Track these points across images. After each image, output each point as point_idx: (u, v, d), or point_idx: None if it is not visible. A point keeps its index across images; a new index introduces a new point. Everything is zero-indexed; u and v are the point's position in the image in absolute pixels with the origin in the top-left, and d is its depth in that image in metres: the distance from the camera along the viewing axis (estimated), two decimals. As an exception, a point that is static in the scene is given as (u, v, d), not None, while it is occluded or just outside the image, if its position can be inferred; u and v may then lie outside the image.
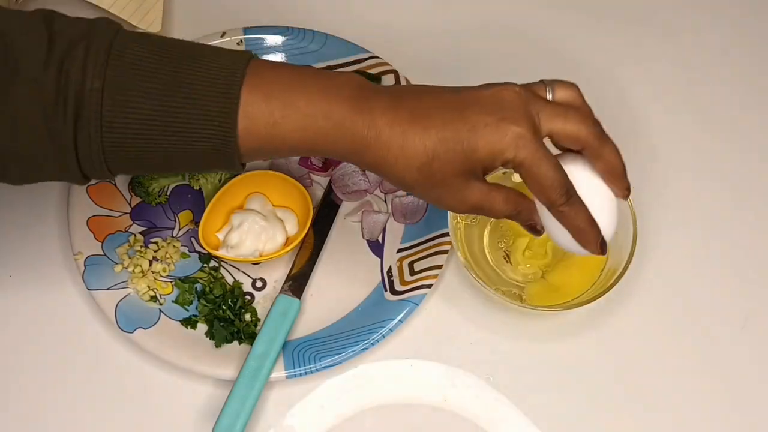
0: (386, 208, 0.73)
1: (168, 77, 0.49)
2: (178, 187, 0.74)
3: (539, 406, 0.66)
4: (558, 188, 0.51)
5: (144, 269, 0.69)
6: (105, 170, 0.51)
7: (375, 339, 0.66)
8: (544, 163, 0.50)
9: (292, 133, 0.51)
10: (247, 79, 0.50)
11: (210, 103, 0.49)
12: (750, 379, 0.68)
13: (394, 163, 0.51)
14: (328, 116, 0.50)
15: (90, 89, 0.48)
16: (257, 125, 0.50)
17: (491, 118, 0.50)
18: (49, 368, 0.68)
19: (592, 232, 0.54)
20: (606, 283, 0.65)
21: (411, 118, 0.50)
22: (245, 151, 0.51)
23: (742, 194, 0.75)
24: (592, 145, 0.52)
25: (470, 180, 0.52)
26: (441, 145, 0.50)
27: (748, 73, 0.80)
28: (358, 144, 0.51)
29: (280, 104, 0.50)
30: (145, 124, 0.49)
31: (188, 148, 0.50)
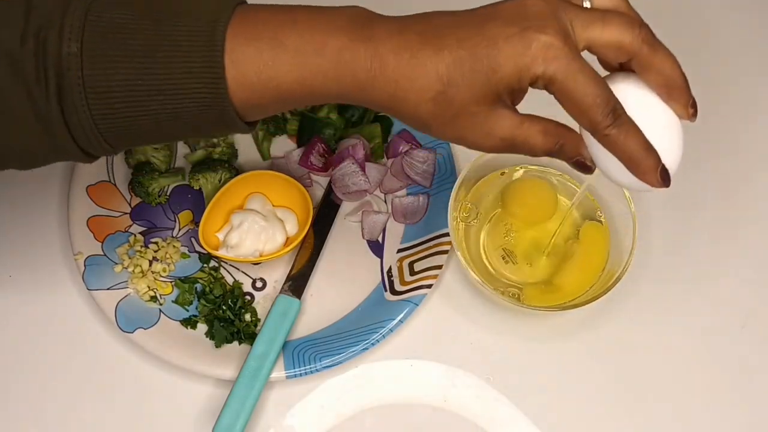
0: (386, 208, 0.73)
1: (149, 33, 0.45)
2: (178, 187, 0.74)
3: (539, 406, 0.66)
4: (601, 106, 0.44)
5: (144, 269, 0.69)
6: (102, 142, 0.47)
7: (375, 339, 0.66)
8: (581, 76, 0.43)
9: (285, 76, 0.45)
10: (232, 24, 0.45)
11: (193, 55, 0.45)
12: (750, 378, 0.68)
13: (405, 98, 0.45)
14: (321, 50, 0.45)
15: (68, 54, 0.44)
16: (247, 72, 0.45)
17: (514, 28, 0.43)
18: (49, 368, 0.68)
19: (648, 159, 0.45)
20: (606, 283, 0.65)
21: (420, 40, 0.44)
22: (241, 105, 0.46)
23: (743, 194, 0.75)
24: (640, 52, 0.44)
25: (496, 107, 0.45)
26: (456, 67, 0.43)
27: (749, 75, 0.80)
28: (362, 79, 0.45)
29: (268, 44, 0.45)
30: (129, 87, 0.45)
31: (179, 107, 0.46)
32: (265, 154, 0.75)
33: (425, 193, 0.73)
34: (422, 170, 0.73)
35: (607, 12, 0.45)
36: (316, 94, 0.46)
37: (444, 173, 0.73)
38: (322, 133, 0.74)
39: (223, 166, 0.72)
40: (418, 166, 0.73)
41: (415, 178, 0.73)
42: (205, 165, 0.72)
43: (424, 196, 0.73)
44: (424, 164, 0.73)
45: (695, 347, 0.69)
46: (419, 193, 0.73)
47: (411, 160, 0.73)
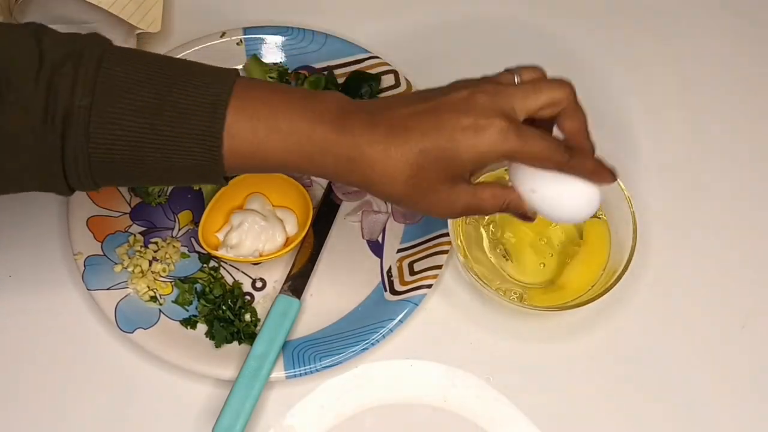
0: (386, 208, 0.73)
1: (155, 96, 0.50)
2: (178, 187, 0.74)
3: (539, 406, 0.66)
4: (557, 151, 0.52)
5: (144, 269, 0.69)
6: (91, 183, 0.51)
7: (375, 339, 0.66)
8: (532, 141, 0.51)
9: (276, 154, 0.52)
10: (233, 100, 0.51)
11: (197, 123, 0.50)
12: (750, 378, 0.68)
13: (380, 181, 0.52)
14: (310, 138, 0.51)
15: (78, 106, 0.48)
16: (242, 144, 0.51)
17: (466, 121, 0.50)
18: (49, 368, 0.68)
19: (602, 167, 0.55)
20: (607, 282, 0.65)
21: (389, 133, 0.51)
22: (230, 168, 0.52)
23: (743, 193, 0.75)
24: (569, 104, 0.53)
25: (457, 184, 0.53)
26: (423, 156, 0.51)
27: (747, 74, 0.80)
28: (343, 164, 0.52)
29: (265, 126, 0.51)
30: (131, 141, 0.50)
31: (174, 164, 0.51)
32: (265, 154, 0.75)
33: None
34: (422, 170, 0.73)
35: (536, 81, 0.53)
36: (300, 170, 0.53)
37: (444, 173, 0.73)
38: (322, 133, 0.74)
39: (223, 166, 0.72)
40: (418, 166, 0.73)
41: (415, 178, 0.73)
42: (205, 165, 0.72)
43: (424, 196, 0.72)
44: (424, 164, 0.73)
45: (695, 347, 0.69)
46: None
47: (411, 160, 0.73)
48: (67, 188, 0.52)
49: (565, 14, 0.82)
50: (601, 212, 0.69)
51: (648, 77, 0.79)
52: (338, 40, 0.76)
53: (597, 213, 0.69)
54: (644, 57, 0.80)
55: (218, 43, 0.76)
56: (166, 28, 0.79)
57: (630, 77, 0.79)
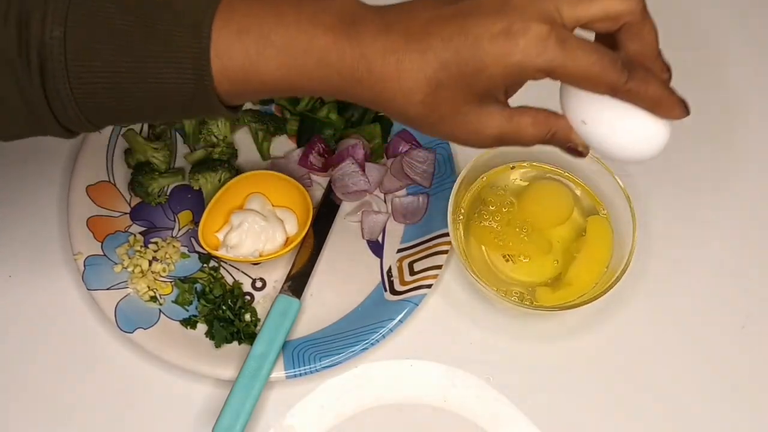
0: (386, 208, 0.73)
1: (134, 20, 0.45)
2: (178, 187, 0.74)
3: (539, 406, 0.66)
4: (611, 69, 0.44)
5: (144, 269, 0.69)
6: (84, 121, 0.47)
7: (375, 339, 0.66)
8: (579, 54, 0.43)
9: (271, 73, 0.45)
10: (219, 15, 0.45)
11: (180, 46, 0.44)
12: (750, 378, 0.68)
13: (393, 98, 0.45)
14: (308, 51, 0.44)
15: (50, 38, 0.44)
16: (233, 65, 0.45)
17: (497, 26, 0.42)
18: (48, 368, 0.68)
19: (672, 96, 0.46)
20: (608, 281, 0.65)
21: (406, 41, 0.43)
22: (225, 94, 0.46)
23: (743, 194, 0.75)
24: (631, 20, 0.44)
25: (486, 105, 0.45)
26: (443, 71, 0.43)
27: (752, 74, 0.80)
28: (348, 80, 0.45)
29: (254, 40, 0.45)
30: (114, 74, 0.45)
31: (163, 95, 0.46)
32: (265, 154, 0.75)
33: (425, 193, 0.73)
34: (422, 170, 0.73)
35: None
36: (301, 90, 0.47)
37: (444, 173, 0.73)
38: (322, 133, 0.74)
39: (223, 166, 0.72)
40: (417, 166, 0.73)
41: (414, 178, 0.73)
42: (205, 165, 0.72)
43: (423, 196, 0.73)
44: (423, 164, 0.73)
45: (695, 347, 0.69)
46: (419, 193, 0.73)
47: (411, 160, 0.73)
48: (62, 129, 0.48)
49: None
50: (604, 210, 0.69)
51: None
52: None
53: (599, 211, 0.69)
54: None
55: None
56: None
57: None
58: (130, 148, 0.74)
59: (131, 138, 0.73)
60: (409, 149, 0.74)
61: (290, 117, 0.76)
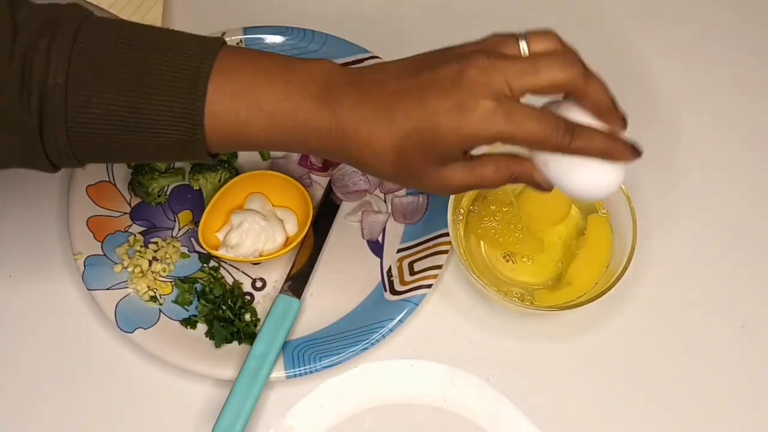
0: (386, 208, 0.73)
1: (133, 72, 0.48)
2: (178, 187, 0.74)
3: (539, 406, 0.66)
4: (555, 134, 0.48)
5: (144, 269, 0.69)
6: (74, 161, 0.50)
7: (375, 339, 0.66)
8: (524, 124, 0.47)
9: (259, 133, 0.50)
10: (214, 76, 0.49)
11: (175, 101, 0.48)
12: (750, 378, 0.68)
13: (368, 161, 0.50)
14: (294, 117, 0.49)
15: (53, 84, 0.47)
16: (224, 124, 0.49)
17: (450, 101, 0.47)
18: (48, 368, 0.68)
19: (617, 144, 0.50)
20: (608, 281, 0.65)
21: (375, 113, 0.49)
22: (214, 146, 0.51)
23: (743, 194, 0.75)
24: (574, 87, 0.48)
25: (448, 164, 0.50)
26: (406, 140, 0.48)
27: (752, 75, 0.80)
28: (328, 143, 0.50)
29: (247, 105, 0.49)
30: (110, 120, 0.48)
31: (155, 143, 0.50)
32: (265, 154, 0.75)
33: (425, 193, 0.73)
34: (422, 170, 0.73)
35: (538, 59, 0.48)
36: (284, 148, 0.53)
37: (444, 173, 0.73)
38: (322, 133, 0.74)
39: (223, 166, 0.72)
40: (418, 166, 0.73)
41: (415, 178, 0.73)
42: (205, 165, 0.72)
43: (423, 196, 0.73)
44: (424, 164, 0.73)
45: (695, 347, 0.69)
46: (419, 193, 0.73)
47: (411, 160, 0.73)
48: (50, 166, 0.51)
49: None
50: (603, 209, 0.69)
51: (651, 77, 0.79)
52: (338, 40, 0.76)
53: (598, 210, 0.69)
54: (647, 54, 0.80)
55: (218, 43, 0.76)
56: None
57: (633, 77, 0.79)
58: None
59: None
60: (409, 149, 0.73)
61: (290, 117, 0.76)
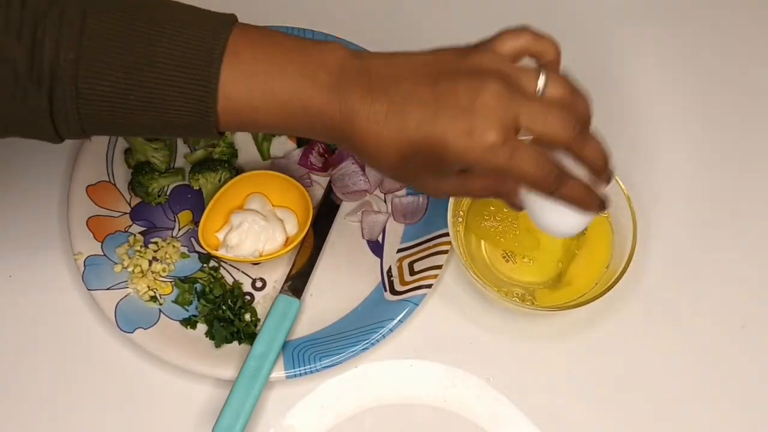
0: (386, 208, 0.73)
1: (145, 49, 0.48)
2: (178, 187, 0.74)
3: (539, 406, 0.66)
4: (547, 178, 0.50)
5: (144, 269, 0.69)
6: (82, 134, 0.50)
7: (375, 339, 0.66)
8: (523, 164, 0.49)
9: (270, 119, 0.51)
10: (227, 57, 0.49)
11: (188, 82, 0.48)
12: (750, 379, 0.68)
13: (371, 156, 0.51)
14: (305, 106, 0.50)
15: (64, 60, 0.46)
16: (237, 107, 0.50)
17: (463, 124, 0.48)
18: (48, 368, 0.68)
19: (591, 198, 0.53)
20: (608, 281, 0.65)
21: (386, 114, 0.49)
22: (224, 127, 0.51)
23: (743, 194, 0.75)
24: (571, 147, 0.50)
25: (444, 175, 0.52)
26: (411, 149, 0.49)
27: (751, 76, 0.80)
28: (337, 132, 0.51)
29: (260, 88, 0.49)
30: (121, 98, 0.48)
31: (167, 122, 0.50)
32: (265, 154, 0.75)
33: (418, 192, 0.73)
34: (422, 170, 0.73)
35: (551, 108, 0.49)
36: (296, 132, 0.54)
37: (444, 173, 0.73)
38: (322, 133, 0.74)
39: (223, 166, 0.72)
40: (418, 166, 0.73)
41: (415, 178, 0.73)
42: (205, 165, 0.72)
43: (423, 196, 0.73)
44: (424, 164, 0.73)
45: (695, 347, 0.69)
46: (419, 193, 0.73)
47: (411, 160, 0.73)
48: (57, 137, 0.50)
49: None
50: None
51: (650, 79, 0.79)
52: (339, 41, 0.76)
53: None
54: (649, 57, 0.80)
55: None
56: (166, 28, 0.79)
57: (632, 79, 0.79)
58: (130, 148, 0.74)
59: (131, 138, 0.73)
60: (409, 149, 0.73)
61: (290, 117, 0.76)
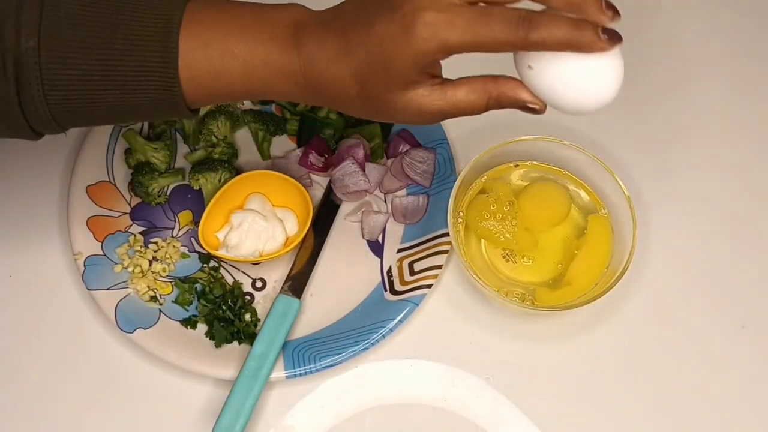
0: (386, 208, 0.73)
1: (104, 29, 0.48)
2: (178, 187, 0.74)
3: (539, 406, 0.66)
4: (507, 30, 0.45)
5: (144, 269, 0.69)
6: (54, 126, 0.50)
7: (375, 339, 0.66)
8: (470, 25, 0.45)
9: (236, 82, 0.50)
10: (185, 26, 0.49)
11: (149, 55, 0.48)
12: (750, 378, 0.68)
13: (337, 97, 0.50)
14: (266, 63, 0.50)
15: (26, 48, 0.47)
16: (200, 74, 0.49)
17: (393, 20, 0.46)
18: (49, 368, 0.68)
19: (583, 29, 0.45)
20: (608, 281, 0.65)
21: (336, 48, 0.49)
22: (192, 100, 0.51)
23: (744, 194, 0.75)
24: None
25: (413, 89, 0.49)
26: (360, 70, 0.48)
27: (750, 74, 0.80)
28: (301, 85, 0.50)
29: (219, 53, 0.49)
30: (85, 79, 0.48)
31: (132, 100, 0.50)
32: (265, 154, 0.75)
33: (425, 193, 0.73)
34: (422, 170, 0.73)
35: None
36: (264, 95, 0.53)
37: (444, 173, 0.73)
38: (322, 133, 0.74)
39: (223, 166, 0.72)
40: (417, 166, 0.73)
41: (414, 178, 0.73)
42: (205, 165, 0.72)
43: (423, 196, 0.73)
44: (423, 164, 0.73)
45: (695, 347, 0.69)
46: (419, 193, 0.73)
47: (411, 160, 0.73)
48: (32, 132, 0.51)
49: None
50: (604, 209, 0.69)
51: (649, 78, 0.79)
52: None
53: (598, 210, 0.69)
54: (647, 54, 0.80)
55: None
56: (166, 28, 0.79)
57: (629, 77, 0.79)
58: (130, 148, 0.74)
59: (131, 138, 0.73)
60: (410, 149, 0.74)
61: (290, 117, 0.76)
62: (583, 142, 0.68)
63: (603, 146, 0.72)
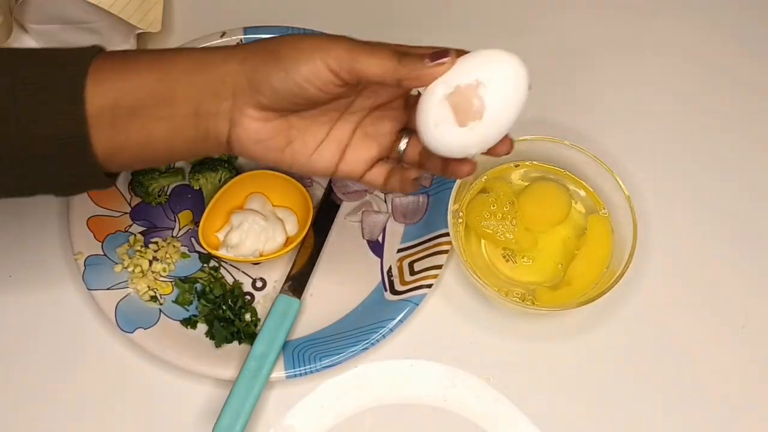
0: (386, 208, 0.73)
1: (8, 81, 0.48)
2: (178, 187, 0.74)
3: (539, 406, 0.66)
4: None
5: (144, 269, 0.69)
6: None
7: (375, 339, 0.66)
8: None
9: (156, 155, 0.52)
10: (89, 109, 0.49)
11: (63, 142, 0.49)
12: (750, 378, 0.68)
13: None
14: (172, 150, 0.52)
15: None
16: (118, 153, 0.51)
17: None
18: (49, 368, 0.68)
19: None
20: (608, 281, 0.65)
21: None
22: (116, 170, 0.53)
23: (743, 194, 0.75)
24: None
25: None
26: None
27: (748, 75, 0.80)
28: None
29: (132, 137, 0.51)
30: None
31: (49, 182, 0.53)
32: (265, 154, 0.75)
33: (425, 193, 0.73)
34: (422, 170, 0.73)
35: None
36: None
37: (444, 173, 0.73)
38: (322, 133, 0.74)
39: (223, 166, 0.72)
40: (418, 166, 0.73)
41: (415, 178, 0.73)
42: (205, 165, 0.72)
43: (424, 196, 0.73)
44: (424, 164, 0.73)
45: (695, 347, 0.69)
46: (419, 193, 0.73)
47: (411, 160, 0.73)
48: None
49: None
50: (604, 209, 0.69)
51: (649, 78, 0.79)
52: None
53: (598, 210, 0.69)
54: (647, 55, 0.80)
55: (218, 43, 0.76)
56: (167, 28, 0.79)
57: (628, 77, 0.79)
58: None
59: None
60: (409, 149, 0.73)
61: (290, 117, 0.76)
62: (583, 142, 0.68)
63: (603, 146, 0.72)
